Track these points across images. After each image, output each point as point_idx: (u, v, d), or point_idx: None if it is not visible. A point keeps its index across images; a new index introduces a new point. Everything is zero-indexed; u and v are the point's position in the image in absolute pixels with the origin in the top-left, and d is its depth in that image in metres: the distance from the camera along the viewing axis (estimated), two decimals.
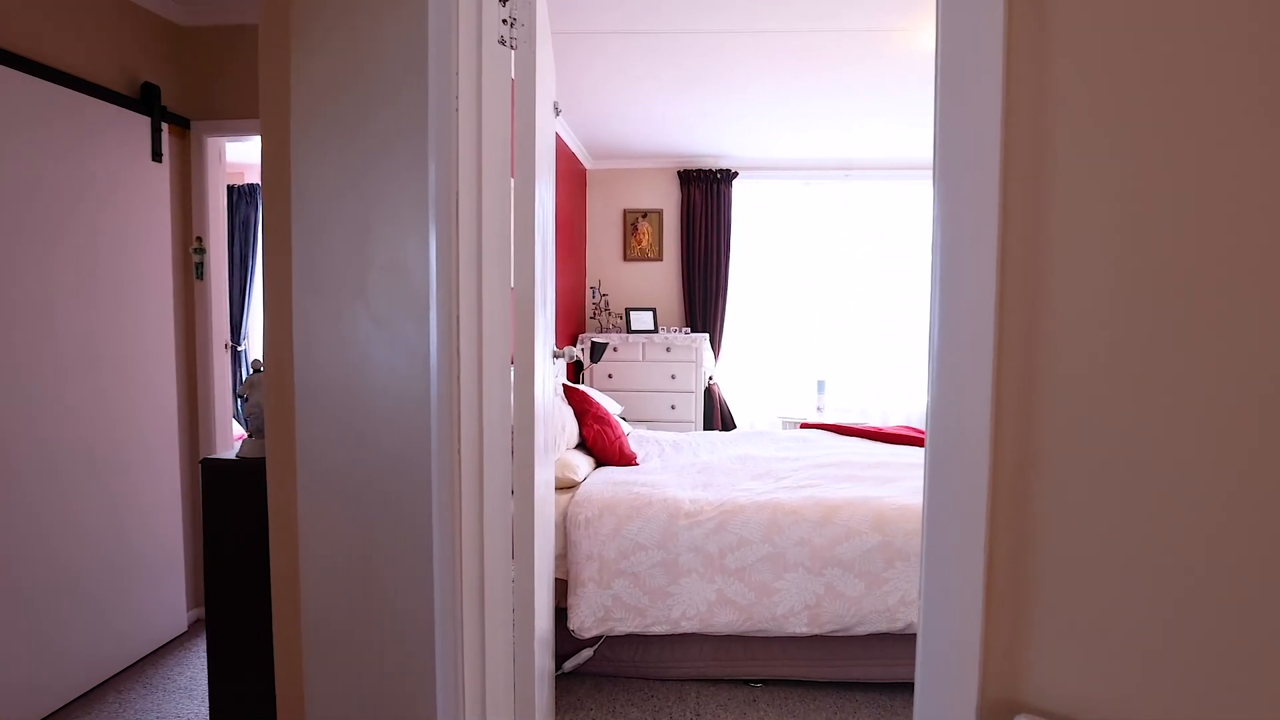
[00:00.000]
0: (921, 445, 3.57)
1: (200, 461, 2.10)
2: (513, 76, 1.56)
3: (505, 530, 1.57)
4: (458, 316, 1.36)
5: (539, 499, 1.78)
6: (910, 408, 5.50)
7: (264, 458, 1.88)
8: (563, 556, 2.54)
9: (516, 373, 1.51)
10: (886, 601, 2.36)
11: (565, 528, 2.55)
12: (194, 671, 2.61)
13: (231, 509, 2.01)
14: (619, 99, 4.11)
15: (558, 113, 2.28)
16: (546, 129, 2.01)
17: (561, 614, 2.53)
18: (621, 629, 2.44)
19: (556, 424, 2.87)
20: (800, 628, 2.39)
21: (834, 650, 2.47)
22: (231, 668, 2.01)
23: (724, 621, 2.41)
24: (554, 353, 2.18)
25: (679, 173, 5.53)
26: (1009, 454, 0.89)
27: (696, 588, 2.43)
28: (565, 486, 2.79)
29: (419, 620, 1.59)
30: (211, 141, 3.08)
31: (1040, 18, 0.88)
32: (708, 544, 2.45)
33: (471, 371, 1.38)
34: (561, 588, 2.59)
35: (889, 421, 5.51)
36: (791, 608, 2.40)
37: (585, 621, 2.43)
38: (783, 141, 4.95)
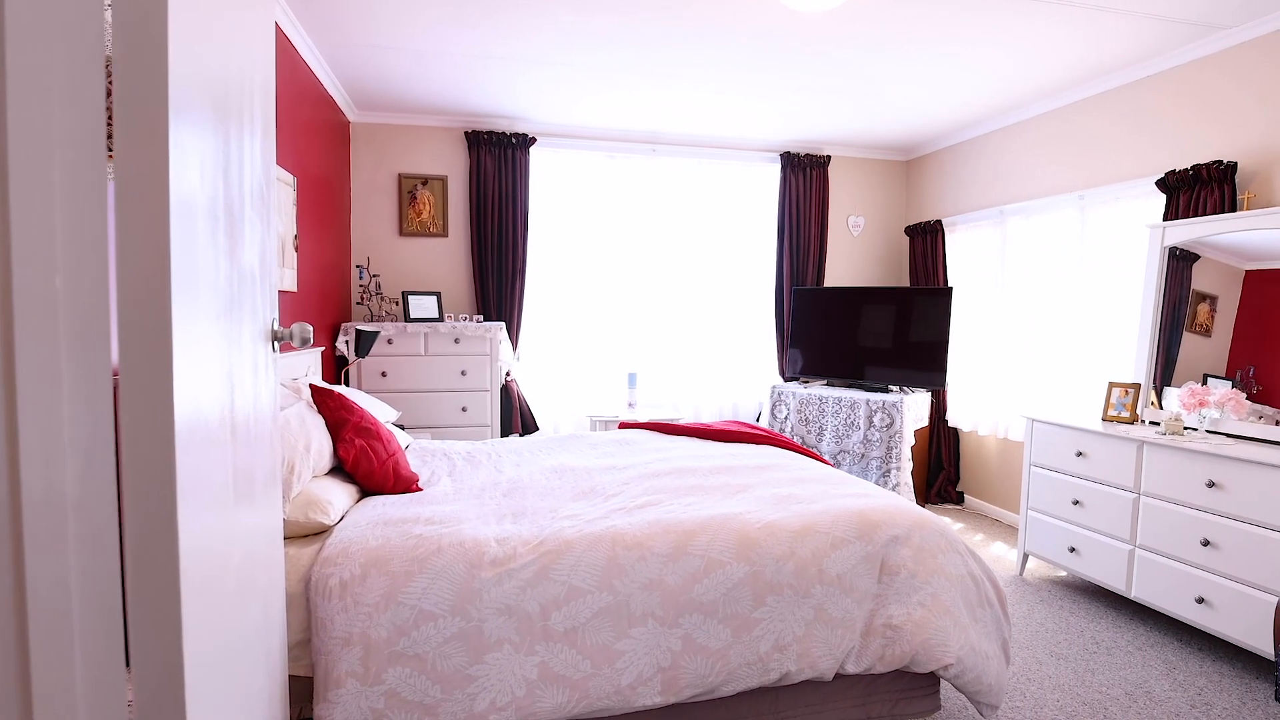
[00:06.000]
0: (756, 441, 3.17)
1: None
2: None
3: (104, 644, 0.76)
4: None
5: (204, 571, 0.98)
6: (723, 401, 5.22)
7: None
8: (304, 644, 1.69)
9: (127, 368, 0.71)
10: (758, 649, 1.85)
11: (309, 599, 1.70)
12: None
13: None
14: (389, 26, 3.22)
15: None
16: None
17: None
18: None
19: (294, 443, 1.98)
20: (652, 698, 1.79)
21: (694, 716, 1.91)
22: None
23: (550, 706, 1.73)
24: (273, 333, 1.35)
25: (467, 134, 4.69)
26: None
27: (510, 664, 1.73)
28: (311, 534, 1.92)
29: None
30: None
31: None
32: (525, 601, 1.76)
33: None
34: (305, 690, 1.73)
35: (701, 415, 5.18)
36: (641, 674, 1.79)
37: None
38: (585, 104, 4.35)
